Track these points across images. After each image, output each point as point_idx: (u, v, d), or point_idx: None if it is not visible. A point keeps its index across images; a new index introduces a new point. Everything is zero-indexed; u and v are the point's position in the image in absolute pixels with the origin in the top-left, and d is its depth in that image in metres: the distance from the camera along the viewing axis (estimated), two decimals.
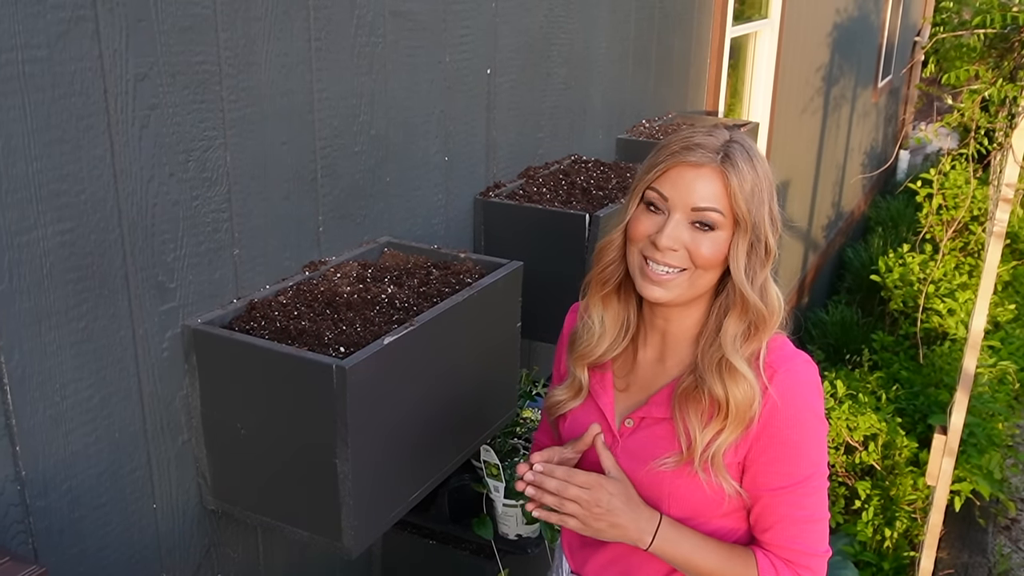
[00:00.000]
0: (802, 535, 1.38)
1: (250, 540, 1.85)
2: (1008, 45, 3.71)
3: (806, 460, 1.37)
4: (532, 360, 2.74)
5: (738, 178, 1.31)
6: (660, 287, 1.36)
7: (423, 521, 2.31)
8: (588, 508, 1.34)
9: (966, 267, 6.15)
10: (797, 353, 1.40)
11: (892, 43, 9.61)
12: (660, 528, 1.37)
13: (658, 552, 1.37)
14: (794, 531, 1.37)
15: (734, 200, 1.32)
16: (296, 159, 1.78)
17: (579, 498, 1.34)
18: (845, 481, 4.09)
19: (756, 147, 1.37)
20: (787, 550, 1.38)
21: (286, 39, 1.70)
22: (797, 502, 1.37)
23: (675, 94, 3.80)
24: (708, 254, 1.33)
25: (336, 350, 1.55)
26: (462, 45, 2.25)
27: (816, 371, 1.40)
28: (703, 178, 1.32)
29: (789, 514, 1.37)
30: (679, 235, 1.33)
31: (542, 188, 2.49)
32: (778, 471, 1.36)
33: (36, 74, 1.27)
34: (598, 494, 1.35)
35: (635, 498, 1.39)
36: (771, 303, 1.37)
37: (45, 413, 1.38)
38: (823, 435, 1.40)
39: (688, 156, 1.32)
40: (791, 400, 1.35)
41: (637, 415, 1.45)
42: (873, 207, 9.17)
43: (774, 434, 1.35)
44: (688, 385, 1.38)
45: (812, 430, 1.37)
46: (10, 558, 1.16)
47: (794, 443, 1.35)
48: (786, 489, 1.36)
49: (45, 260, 1.33)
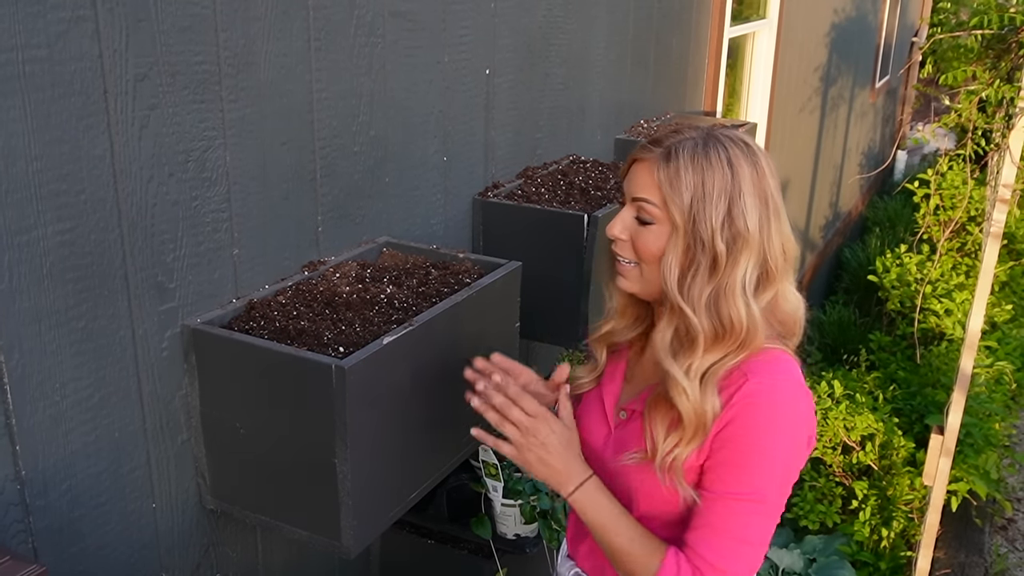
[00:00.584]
0: (723, 549, 1.30)
1: (249, 539, 1.85)
2: (1005, 46, 3.71)
3: (754, 476, 1.30)
4: (531, 360, 2.74)
5: (668, 171, 1.30)
6: (623, 277, 1.40)
7: (422, 520, 2.32)
8: (526, 435, 1.36)
9: (963, 267, 6.16)
10: (787, 372, 1.33)
11: (890, 44, 9.63)
12: (587, 483, 1.37)
13: (576, 505, 1.37)
14: (716, 541, 1.31)
15: (665, 193, 1.30)
16: (295, 159, 1.78)
17: (520, 422, 1.36)
18: (842, 481, 4.09)
19: (735, 149, 1.31)
20: (701, 558, 1.31)
21: (285, 39, 1.70)
22: (731, 514, 1.30)
23: (673, 94, 3.81)
24: (643, 247, 1.35)
25: (335, 350, 1.55)
26: (461, 45, 2.25)
27: (798, 399, 1.32)
28: (643, 170, 1.34)
29: (718, 523, 1.31)
30: (623, 225, 1.37)
31: (540, 188, 2.49)
32: (722, 476, 1.31)
33: (36, 74, 1.27)
34: (540, 425, 1.36)
35: (575, 448, 1.39)
36: (725, 319, 1.30)
37: (45, 412, 1.38)
38: (781, 463, 1.31)
39: (641, 152, 1.35)
40: (755, 410, 1.29)
41: (629, 407, 1.46)
42: (871, 207, 9.18)
43: (729, 437, 1.30)
44: (661, 390, 1.36)
45: (768, 447, 1.29)
46: (10, 557, 1.16)
47: (745, 451, 1.30)
48: (725, 496, 1.30)
49: (45, 260, 1.34)
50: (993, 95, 3.57)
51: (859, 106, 8.32)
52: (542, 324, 2.19)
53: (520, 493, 2.16)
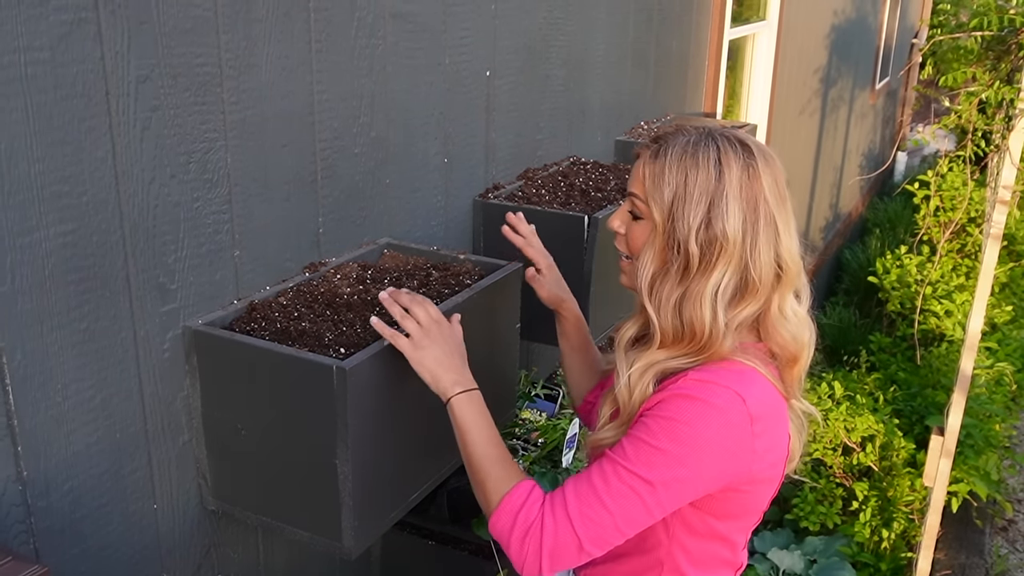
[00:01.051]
0: (583, 499, 1.26)
1: (250, 540, 1.86)
2: (1005, 47, 3.72)
3: (653, 457, 1.24)
4: (531, 361, 2.74)
5: (652, 169, 1.31)
6: (622, 272, 1.44)
7: (422, 522, 2.32)
8: (426, 331, 1.45)
9: (963, 269, 6.16)
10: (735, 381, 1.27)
11: (890, 45, 9.63)
12: (471, 392, 1.41)
13: (453, 411, 1.40)
14: (581, 489, 1.27)
15: (649, 191, 1.31)
16: (296, 161, 1.79)
17: (422, 320, 1.46)
18: (843, 482, 4.09)
19: (717, 153, 1.28)
20: (558, 494, 1.28)
21: (287, 41, 1.71)
22: (611, 476, 1.26)
23: (673, 96, 3.81)
24: (632, 241, 1.38)
25: (336, 351, 1.56)
26: (461, 47, 2.26)
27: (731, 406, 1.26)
28: (638, 165, 1.36)
29: (594, 477, 1.27)
30: (614, 219, 1.40)
31: (541, 190, 2.49)
32: (624, 444, 1.28)
33: (38, 76, 1.28)
34: (440, 327, 1.46)
35: (462, 354, 1.47)
36: (686, 325, 1.28)
37: (47, 413, 1.38)
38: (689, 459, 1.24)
39: (641, 147, 1.38)
40: (679, 399, 1.26)
41: None
42: (871, 209, 9.19)
43: (646, 417, 1.28)
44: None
45: (679, 437, 1.24)
46: (12, 558, 1.17)
47: (654, 432, 1.25)
48: (615, 462, 1.26)
49: (47, 261, 1.34)
50: (993, 96, 3.57)
51: (859, 107, 8.33)
52: (543, 325, 2.19)
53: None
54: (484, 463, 1.36)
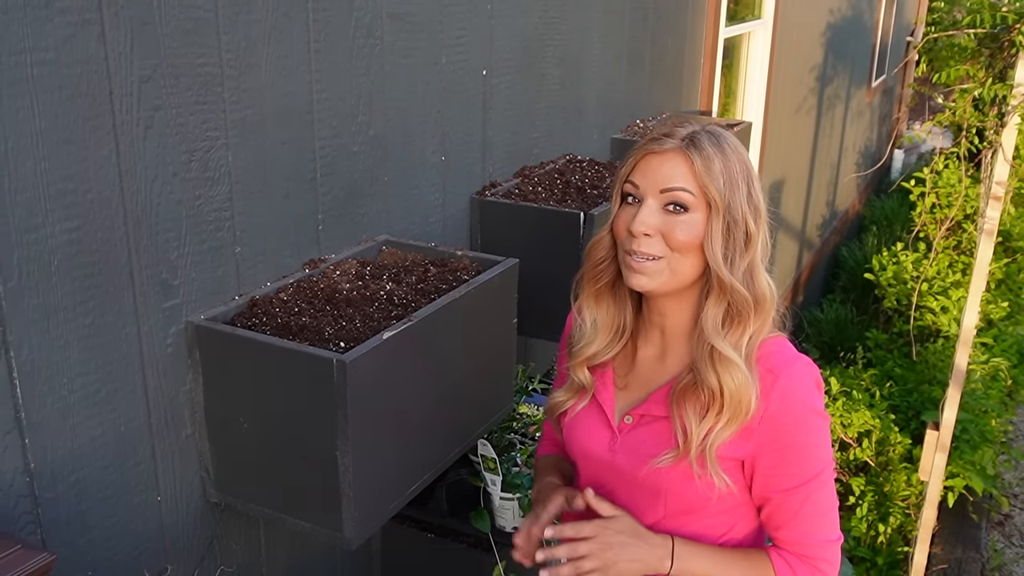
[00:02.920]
0: (814, 529, 1.42)
1: (252, 533, 1.89)
2: (998, 44, 3.75)
3: (813, 459, 1.40)
4: (528, 356, 2.77)
5: (702, 158, 1.35)
6: (644, 275, 1.38)
7: (422, 515, 2.34)
8: (602, 556, 1.36)
9: (959, 265, 6.19)
10: (798, 356, 1.42)
11: (886, 43, 9.66)
12: (675, 550, 1.39)
13: (680, 572, 1.39)
14: (806, 527, 1.41)
15: (701, 180, 1.34)
16: (296, 159, 1.82)
17: (591, 552, 1.36)
18: (839, 477, 4.13)
19: (730, 137, 1.40)
20: (800, 545, 1.42)
21: (286, 41, 1.74)
22: (807, 498, 1.40)
23: (669, 94, 3.84)
24: (683, 237, 1.35)
25: (336, 345, 1.58)
26: (458, 46, 2.29)
27: (817, 372, 1.43)
28: (668, 161, 1.37)
29: (800, 511, 1.41)
30: (651, 220, 1.36)
31: (537, 187, 2.52)
32: (787, 473, 1.39)
33: (44, 76, 1.31)
34: (607, 538, 1.37)
35: (641, 529, 1.41)
36: (758, 290, 1.39)
37: (53, 407, 1.41)
38: (827, 431, 1.42)
39: (654, 145, 1.38)
40: (794, 404, 1.37)
41: (637, 412, 1.47)
42: (868, 206, 9.22)
43: (779, 439, 1.38)
44: (687, 382, 1.41)
45: (816, 430, 1.40)
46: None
47: (800, 446, 1.39)
48: (796, 489, 1.40)
49: (53, 257, 1.37)
50: (986, 93, 3.60)
51: (855, 105, 8.36)
52: (539, 321, 2.22)
53: (518, 487, 2.19)
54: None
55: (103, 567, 1.56)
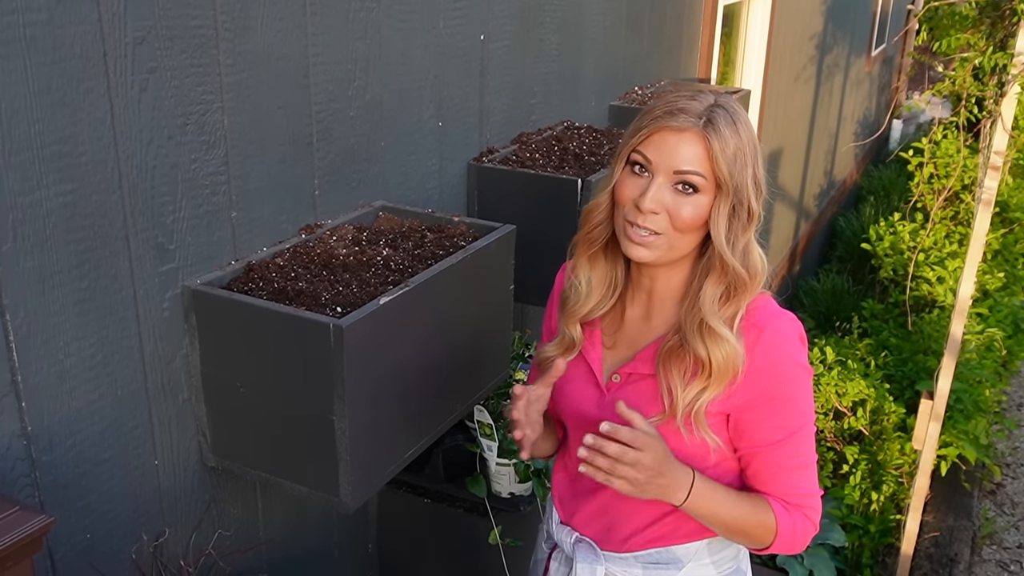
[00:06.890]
0: (801, 481, 1.47)
1: (249, 496, 1.89)
2: (999, 13, 3.72)
3: (796, 411, 1.44)
4: (525, 323, 2.77)
5: (720, 142, 1.34)
6: (644, 248, 1.39)
7: (418, 480, 2.36)
8: (640, 471, 1.33)
9: (956, 236, 6.18)
10: (781, 312, 1.44)
11: (886, 12, 9.59)
12: (695, 483, 1.40)
13: (690, 506, 1.40)
14: (794, 478, 1.46)
15: (716, 164, 1.34)
16: (292, 123, 1.80)
17: (637, 461, 1.32)
18: (833, 446, 4.15)
19: (741, 111, 1.39)
20: (791, 495, 1.46)
21: (282, 4, 1.72)
22: (793, 452, 1.44)
23: (668, 61, 3.81)
24: (688, 217, 1.36)
25: (333, 310, 1.58)
26: (456, 11, 2.26)
27: (800, 326, 1.45)
28: (685, 142, 1.35)
29: (787, 464, 1.45)
30: (661, 198, 1.36)
31: (535, 154, 2.51)
32: (772, 426, 1.42)
33: (37, 37, 1.29)
34: (647, 460, 1.33)
35: (672, 458, 1.38)
36: (753, 266, 1.40)
37: (50, 370, 1.41)
38: (810, 385, 1.46)
39: (671, 121, 1.35)
40: (778, 358, 1.40)
41: (624, 371, 1.49)
42: (865, 176, 9.19)
43: (764, 392, 1.40)
44: (672, 344, 1.42)
45: (800, 383, 1.43)
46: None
47: (785, 398, 1.42)
48: (781, 442, 1.43)
49: (48, 220, 1.36)
50: (987, 63, 3.58)
51: (855, 75, 8.31)
52: (536, 287, 2.22)
53: (514, 453, 2.21)
54: (740, 523, 1.45)
55: (101, 530, 1.56)
